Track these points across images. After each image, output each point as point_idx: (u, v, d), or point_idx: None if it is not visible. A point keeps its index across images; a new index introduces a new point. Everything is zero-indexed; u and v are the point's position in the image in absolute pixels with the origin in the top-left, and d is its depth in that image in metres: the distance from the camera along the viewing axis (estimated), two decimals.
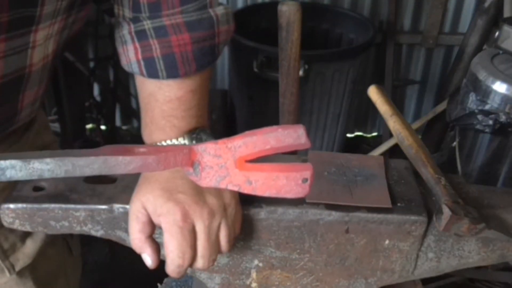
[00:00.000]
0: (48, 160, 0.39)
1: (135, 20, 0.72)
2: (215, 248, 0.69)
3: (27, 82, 0.74)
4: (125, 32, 0.73)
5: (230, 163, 0.43)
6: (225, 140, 0.43)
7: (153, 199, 0.67)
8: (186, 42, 0.71)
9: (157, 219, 0.67)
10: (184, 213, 0.66)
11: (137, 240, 0.68)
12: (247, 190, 0.44)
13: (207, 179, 0.44)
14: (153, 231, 0.69)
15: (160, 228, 0.69)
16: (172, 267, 0.68)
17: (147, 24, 0.71)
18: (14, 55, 0.68)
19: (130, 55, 0.73)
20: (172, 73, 0.72)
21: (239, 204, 0.72)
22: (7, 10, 0.63)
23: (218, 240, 0.69)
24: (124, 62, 0.75)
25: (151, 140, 0.74)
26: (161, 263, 0.75)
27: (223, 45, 0.76)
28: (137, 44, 0.72)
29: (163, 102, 0.73)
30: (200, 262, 0.69)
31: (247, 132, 0.46)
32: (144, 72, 0.73)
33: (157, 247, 0.69)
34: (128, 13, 0.73)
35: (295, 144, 0.42)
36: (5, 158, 0.39)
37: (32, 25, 0.68)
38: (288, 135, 0.42)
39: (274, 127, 0.44)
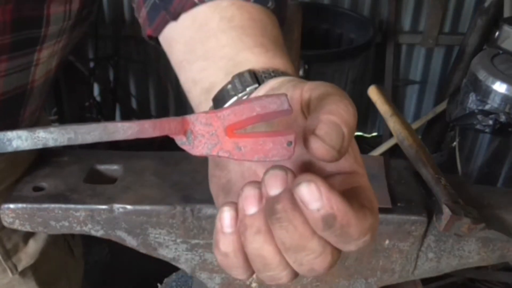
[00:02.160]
0: (52, 129, 0.42)
1: None
2: None
3: (29, 98, 0.73)
4: None
5: (220, 131, 0.46)
6: (215, 110, 0.47)
7: None
8: None
9: None
10: None
11: None
12: (237, 156, 0.47)
13: (200, 147, 0.47)
14: None
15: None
16: None
17: None
18: (16, 73, 0.67)
19: None
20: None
21: None
22: (10, 32, 0.62)
23: None
24: None
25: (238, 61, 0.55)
26: (161, 263, 0.76)
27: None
28: None
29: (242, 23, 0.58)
30: None
31: (235, 103, 0.49)
32: None
33: None
34: None
35: (278, 109, 0.44)
36: (11, 130, 0.41)
37: (37, 45, 0.67)
38: (271, 102, 0.45)
39: (260, 95, 0.47)
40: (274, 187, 0.39)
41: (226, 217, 0.41)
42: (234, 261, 0.44)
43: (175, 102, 3.00)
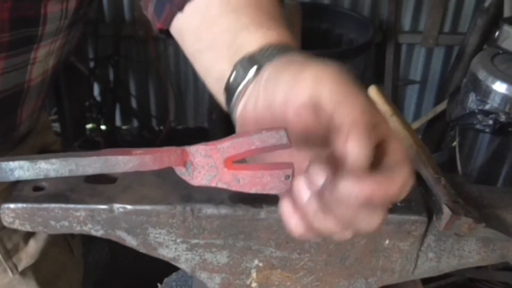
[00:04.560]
0: (53, 160, 0.44)
1: None
2: None
3: (26, 97, 0.74)
4: None
5: (219, 163, 0.47)
6: (214, 142, 0.47)
7: None
8: None
9: None
10: None
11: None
12: (235, 187, 0.48)
13: (199, 178, 0.48)
14: None
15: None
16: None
17: None
18: (13, 72, 0.68)
19: None
20: None
21: None
22: (8, 31, 0.62)
23: None
24: None
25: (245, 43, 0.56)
26: (161, 263, 0.76)
27: None
28: None
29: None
30: None
31: (234, 135, 0.50)
32: None
33: None
34: None
35: (277, 144, 0.45)
36: (13, 160, 0.43)
37: (34, 44, 0.67)
38: (271, 136, 0.46)
39: (259, 129, 0.47)
40: (320, 177, 0.45)
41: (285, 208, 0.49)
42: (309, 235, 0.50)
43: (175, 102, 3.00)
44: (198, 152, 0.47)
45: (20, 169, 0.42)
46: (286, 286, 0.82)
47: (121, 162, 0.44)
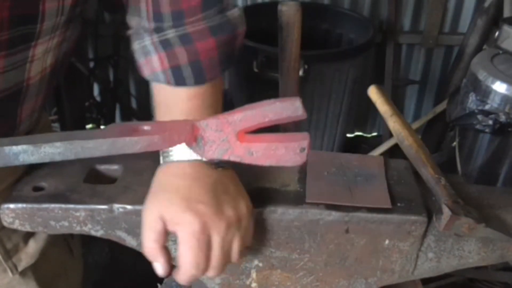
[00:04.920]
0: (58, 144, 0.42)
1: (158, 29, 0.71)
2: (227, 258, 0.70)
3: (25, 96, 0.74)
4: (147, 43, 0.72)
5: (231, 137, 0.46)
6: (225, 114, 0.46)
7: (171, 208, 0.66)
8: (211, 47, 0.71)
9: (174, 227, 0.67)
10: (203, 225, 0.65)
11: (151, 249, 0.68)
12: (248, 160, 0.46)
13: (210, 152, 0.47)
14: (166, 240, 0.68)
15: (173, 235, 0.68)
16: (184, 276, 0.68)
17: (172, 33, 0.70)
18: (12, 70, 0.68)
19: (154, 65, 0.72)
20: (200, 79, 0.71)
21: (252, 215, 0.72)
22: (7, 28, 0.63)
23: (230, 251, 0.70)
24: (147, 73, 0.74)
25: None
26: None
27: (241, 47, 0.76)
28: (162, 54, 0.71)
29: (183, 101, 0.72)
30: (211, 272, 0.69)
31: (246, 106, 0.48)
32: (172, 80, 0.72)
33: (170, 256, 0.69)
34: (147, 24, 0.72)
35: (292, 116, 0.44)
36: (16, 143, 0.41)
37: (32, 41, 0.68)
38: (285, 108, 0.44)
39: (272, 100, 0.46)
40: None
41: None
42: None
43: None
44: (209, 127, 0.45)
45: (24, 153, 0.41)
46: (286, 286, 0.82)
47: (129, 143, 0.42)
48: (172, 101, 0.73)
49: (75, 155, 0.42)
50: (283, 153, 0.45)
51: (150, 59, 0.73)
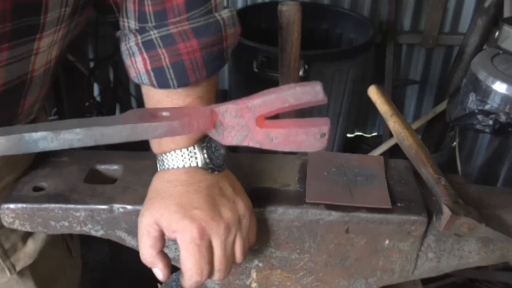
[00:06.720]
0: (77, 130, 0.41)
1: (142, 30, 0.71)
2: (231, 260, 0.70)
3: (29, 88, 0.74)
4: (132, 43, 0.72)
5: (251, 122, 0.45)
6: (244, 100, 0.45)
7: (167, 215, 0.66)
8: (194, 49, 0.69)
9: (172, 235, 0.67)
10: (201, 230, 0.65)
11: (148, 255, 0.68)
12: (268, 146, 0.46)
13: (229, 138, 0.46)
14: (164, 246, 0.68)
15: (173, 241, 0.68)
16: (190, 283, 0.68)
17: (154, 34, 0.70)
18: (16, 63, 0.68)
19: (138, 66, 0.72)
20: (183, 81, 0.71)
21: (253, 214, 0.72)
22: (10, 20, 0.62)
23: (233, 252, 0.70)
24: (133, 75, 0.74)
25: (161, 149, 0.71)
26: None
27: (231, 49, 0.75)
28: (145, 55, 0.70)
29: (173, 104, 0.72)
30: (216, 276, 0.69)
31: (265, 91, 0.47)
32: (155, 82, 0.71)
33: (168, 261, 0.69)
34: (134, 25, 0.72)
35: (313, 100, 0.43)
36: (36, 130, 0.40)
37: (37, 33, 0.67)
38: (306, 92, 0.43)
39: (292, 84, 0.45)
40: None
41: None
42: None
43: None
44: (228, 112, 0.44)
45: (44, 140, 0.40)
46: (286, 286, 0.82)
47: (149, 129, 0.41)
48: (162, 104, 0.73)
49: (94, 142, 0.41)
50: (303, 139, 0.44)
51: (134, 60, 0.72)
